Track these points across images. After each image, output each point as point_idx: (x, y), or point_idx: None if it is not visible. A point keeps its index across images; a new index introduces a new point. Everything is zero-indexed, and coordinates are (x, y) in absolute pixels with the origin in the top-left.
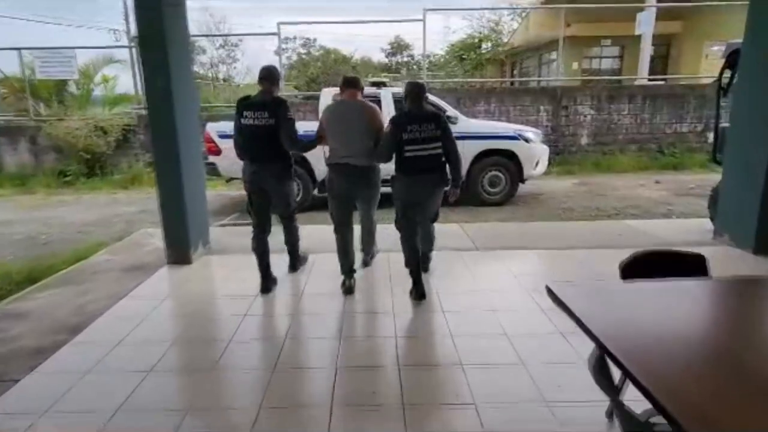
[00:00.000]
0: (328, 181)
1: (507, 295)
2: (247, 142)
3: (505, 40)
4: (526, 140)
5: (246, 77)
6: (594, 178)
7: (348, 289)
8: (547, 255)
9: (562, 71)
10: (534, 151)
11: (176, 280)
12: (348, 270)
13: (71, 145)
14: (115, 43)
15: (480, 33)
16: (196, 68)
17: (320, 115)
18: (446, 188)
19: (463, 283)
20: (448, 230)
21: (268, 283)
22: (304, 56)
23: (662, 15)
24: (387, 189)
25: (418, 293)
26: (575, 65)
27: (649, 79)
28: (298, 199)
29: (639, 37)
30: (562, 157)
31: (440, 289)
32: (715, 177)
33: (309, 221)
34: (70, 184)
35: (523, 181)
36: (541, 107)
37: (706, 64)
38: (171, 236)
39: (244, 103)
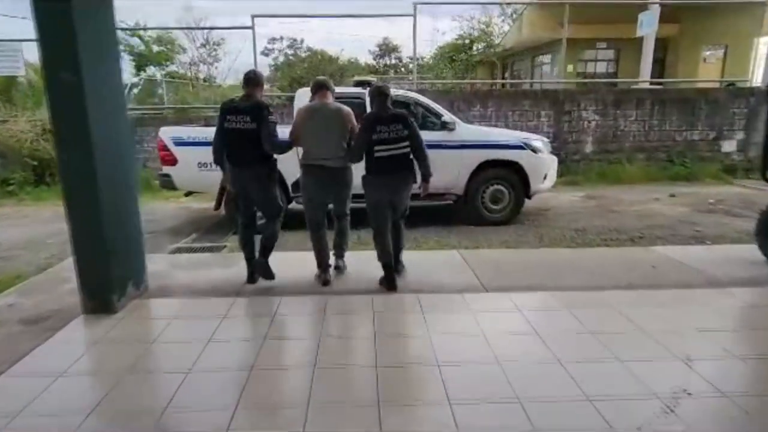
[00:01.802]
0: (303, 182)
1: (538, 374)
2: (230, 146)
3: (497, 41)
4: (534, 150)
5: (228, 77)
6: (601, 190)
7: (325, 281)
8: (573, 299)
9: (558, 73)
10: (542, 162)
11: (87, 341)
12: (325, 265)
13: (15, 150)
14: None
15: (470, 34)
16: (175, 68)
17: (295, 115)
18: (416, 184)
19: (472, 348)
20: (447, 259)
21: (253, 275)
22: (291, 57)
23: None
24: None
25: (389, 284)
26: (570, 68)
27: (651, 83)
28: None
29: (635, 39)
30: (564, 166)
31: (443, 359)
32: (734, 191)
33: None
34: (13, 194)
35: (529, 196)
36: (542, 112)
37: (705, 69)
38: (87, 280)
39: (228, 107)
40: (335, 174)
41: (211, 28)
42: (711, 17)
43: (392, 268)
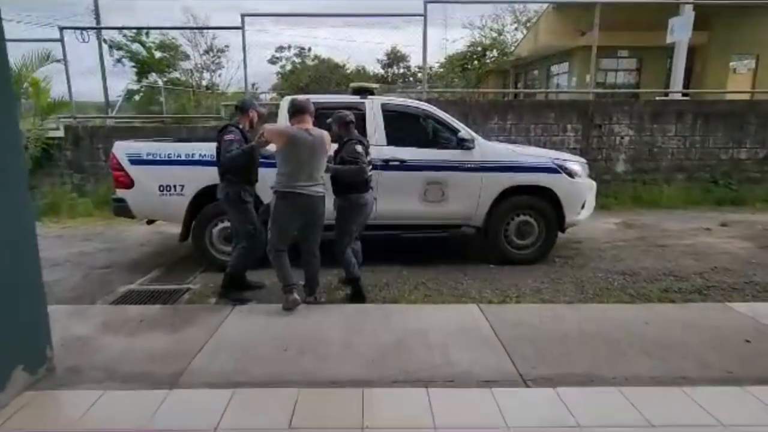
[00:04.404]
0: (278, 208)
1: None
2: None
3: (511, 49)
4: (570, 174)
5: (231, 85)
6: (639, 216)
7: (293, 302)
8: (652, 403)
9: (576, 83)
10: (579, 189)
11: None
12: (290, 286)
13: None
14: (84, 45)
15: (482, 42)
16: (177, 75)
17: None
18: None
19: None
20: (465, 321)
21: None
22: (298, 66)
23: None
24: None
25: (361, 300)
26: (588, 78)
27: (683, 94)
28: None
29: (658, 48)
30: None
31: None
32: None
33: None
34: None
35: (563, 229)
36: (569, 125)
37: (734, 80)
38: None
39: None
40: (317, 202)
41: (202, 28)
42: (742, 25)
43: (360, 284)
